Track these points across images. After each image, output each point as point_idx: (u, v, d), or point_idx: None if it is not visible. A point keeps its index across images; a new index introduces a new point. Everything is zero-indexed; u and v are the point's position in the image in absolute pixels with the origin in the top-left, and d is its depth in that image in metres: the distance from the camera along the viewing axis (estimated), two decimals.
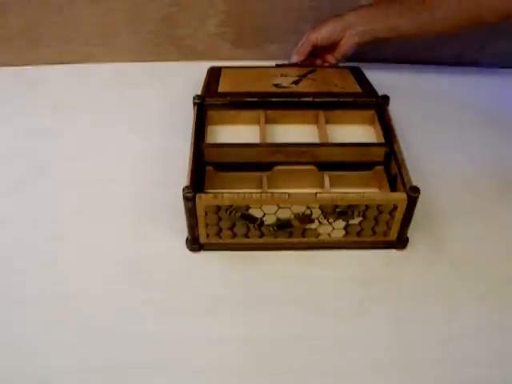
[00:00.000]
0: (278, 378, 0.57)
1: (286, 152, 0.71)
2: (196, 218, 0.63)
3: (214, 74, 0.83)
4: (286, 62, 0.87)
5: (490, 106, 0.90)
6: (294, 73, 0.82)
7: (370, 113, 0.78)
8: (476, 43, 0.95)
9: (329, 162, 0.71)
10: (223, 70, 0.84)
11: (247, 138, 0.74)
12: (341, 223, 0.65)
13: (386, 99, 0.76)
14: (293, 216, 0.63)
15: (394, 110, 0.76)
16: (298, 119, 0.78)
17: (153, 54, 0.96)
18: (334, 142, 0.74)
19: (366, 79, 0.82)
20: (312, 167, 0.71)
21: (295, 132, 0.77)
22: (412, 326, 0.61)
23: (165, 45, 0.96)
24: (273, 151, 0.71)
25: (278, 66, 0.86)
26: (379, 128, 0.74)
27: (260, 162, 0.71)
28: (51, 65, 0.95)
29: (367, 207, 0.63)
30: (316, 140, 0.76)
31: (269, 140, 0.74)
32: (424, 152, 0.80)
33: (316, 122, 0.78)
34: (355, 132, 0.78)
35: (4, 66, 0.95)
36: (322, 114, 0.77)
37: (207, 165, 0.70)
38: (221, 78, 0.82)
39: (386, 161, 0.71)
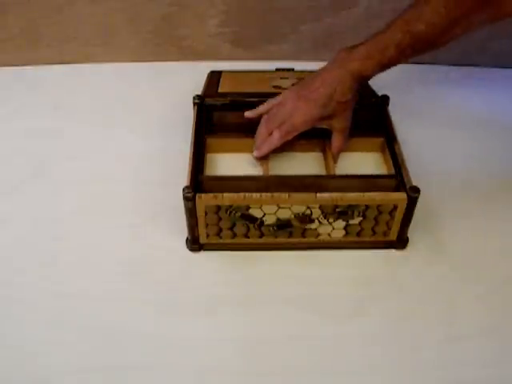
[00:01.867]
0: (278, 378, 0.57)
1: (289, 185, 0.64)
2: (196, 218, 0.63)
3: (214, 77, 0.84)
4: (285, 63, 0.87)
5: (490, 106, 0.90)
6: (294, 76, 0.82)
7: (380, 140, 0.73)
8: (476, 43, 0.95)
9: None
10: (223, 73, 0.85)
11: (248, 167, 0.71)
12: (341, 223, 0.65)
13: (385, 99, 0.76)
14: (293, 216, 0.63)
15: (394, 110, 0.76)
16: (303, 147, 0.74)
17: (153, 53, 0.96)
18: (341, 174, 0.69)
19: (366, 82, 0.82)
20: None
21: (300, 160, 0.73)
22: (412, 326, 0.61)
23: (165, 45, 0.96)
24: (275, 183, 0.65)
25: (277, 70, 0.86)
26: (388, 156, 0.70)
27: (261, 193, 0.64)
28: (51, 65, 0.95)
29: (367, 207, 0.63)
30: (322, 168, 0.72)
31: (272, 166, 0.70)
32: (424, 152, 0.80)
33: (322, 149, 0.74)
34: (363, 160, 0.74)
35: (4, 66, 0.95)
36: (328, 144, 0.72)
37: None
38: (221, 80, 0.82)
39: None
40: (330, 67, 0.68)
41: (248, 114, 0.72)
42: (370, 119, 0.76)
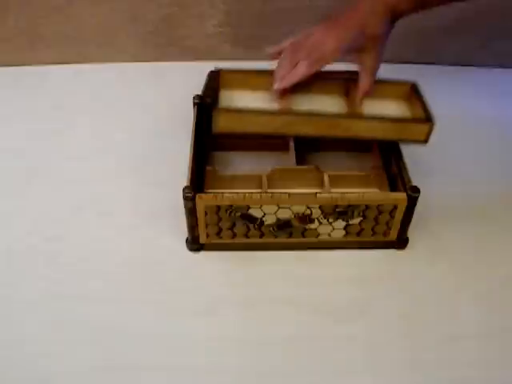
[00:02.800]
0: (278, 378, 0.57)
1: (315, 123, 0.60)
2: (196, 218, 0.63)
3: (213, 77, 0.83)
4: None
5: (490, 106, 0.90)
6: None
7: (406, 87, 0.70)
8: (476, 43, 0.95)
9: (362, 138, 0.62)
10: (222, 72, 0.84)
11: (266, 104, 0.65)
12: (341, 223, 0.65)
13: None
14: (293, 216, 0.63)
15: None
16: (324, 89, 0.67)
17: (153, 54, 0.97)
18: (371, 115, 0.64)
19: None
20: (312, 167, 0.71)
21: (320, 103, 0.67)
22: (412, 325, 0.61)
23: (165, 45, 0.96)
24: (300, 120, 0.60)
25: None
26: (419, 105, 0.65)
27: (281, 134, 0.61)
28: (51, 65, 0.95)
29: (367, 207, 0.63)
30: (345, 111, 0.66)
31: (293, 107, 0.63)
32: (424, 152, 0.79)
33: (345, 93, 0.68)
34: (389, 107, 0.68)
35: (4, 67, 0.95)
36: (352, 87, 0.67)
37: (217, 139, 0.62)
38: (220, 80, 0.82)
39: (387, 162, 0.70)
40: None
41: (269, 49, 0.67)
42: None
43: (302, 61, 0.62)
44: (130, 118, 0.87)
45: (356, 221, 0.64)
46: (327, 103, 0.67)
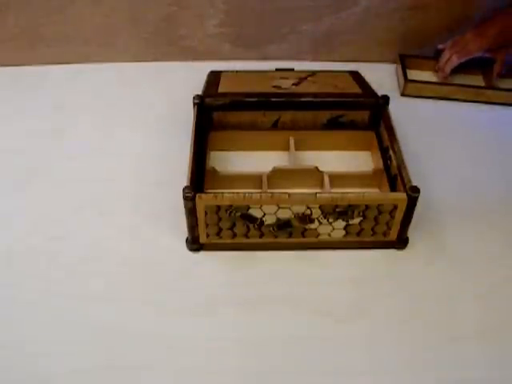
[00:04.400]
0: (278, 378, 0.57)
1: (467, 92, 0.89)
2: (196, 217, 0.63)
3: (214, 77, 0.84)
4: (285, 63, 0.87)
5: (490, 106, 0.90)
6: (294, 76, 0.83)
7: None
8: None
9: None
10: (223, 73, 0.85)
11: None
12: (341, 223, 0.65)
13: (386, 99, 0.76)
14: (293, 216, 0.64)
15: (395, 110, 0.76)
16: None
17: (153, 54, 0.97)
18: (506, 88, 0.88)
19: (366, 81, 0.83)
20: (312, 167, 0.71)
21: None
22: (412, 326, 0.61)
23: (165, 45, 0.96)
24: (458, 90, 0.88)
25: (277, 70, 0.86)
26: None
27: (445, 98, 0.89)
28: (51, 65, 0.96)
29: (367, 207, 0.63)
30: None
31: None
32: (424, 152, 0.80)
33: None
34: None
35: (4, 66, 0.95)
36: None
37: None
38: (221, 80, 0.82)
39: (385, 162, 0.71)
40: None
41: (440, 46, 0.93)
42: (370, 119, 0.77)
43: (454, 54, 0.90)
44: (130, 117, 0.87)
45: (356, 221, 0.64)
46: (471, 80, 0.94)
